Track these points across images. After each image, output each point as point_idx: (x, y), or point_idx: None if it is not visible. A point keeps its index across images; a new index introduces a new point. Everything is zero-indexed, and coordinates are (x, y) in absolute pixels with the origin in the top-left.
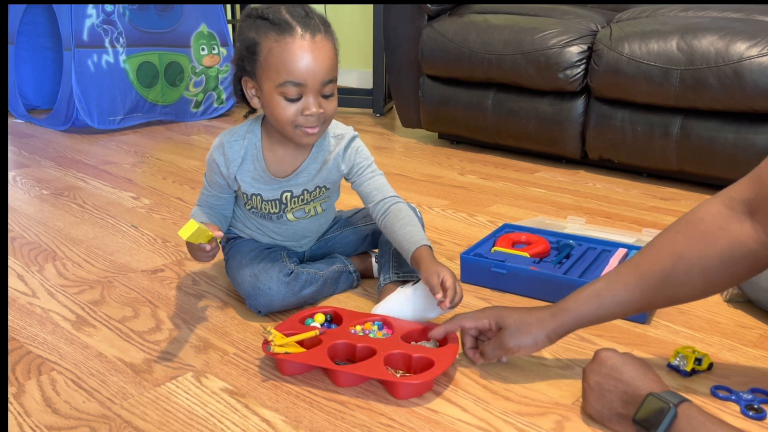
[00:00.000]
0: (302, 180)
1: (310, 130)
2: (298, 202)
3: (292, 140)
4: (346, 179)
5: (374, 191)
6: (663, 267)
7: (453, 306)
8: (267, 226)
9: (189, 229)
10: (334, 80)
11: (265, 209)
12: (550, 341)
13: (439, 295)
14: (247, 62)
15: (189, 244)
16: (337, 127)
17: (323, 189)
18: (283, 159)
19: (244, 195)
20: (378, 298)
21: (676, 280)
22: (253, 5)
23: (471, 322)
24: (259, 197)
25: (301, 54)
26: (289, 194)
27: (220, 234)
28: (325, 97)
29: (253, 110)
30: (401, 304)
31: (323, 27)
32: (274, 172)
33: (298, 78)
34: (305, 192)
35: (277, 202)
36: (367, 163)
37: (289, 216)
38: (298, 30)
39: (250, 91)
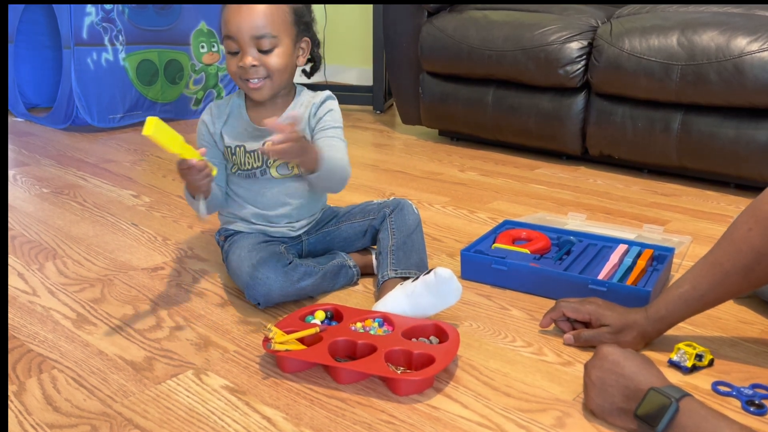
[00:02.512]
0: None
1: (251, 84)
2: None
3: (247, 94)
4: (311, 135)
5: (325, 147)
6: (744, 263)
7: None
8: (254, 194)
9: (150, 125)
10: (270, 36)
11: (249, 164)
12: (645, 345)
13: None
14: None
15: (182, 166)
16: (316, 92)
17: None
18: (264, 114)
19: (228, 150)
20: (377, 295)
21: (756, 274)
22: None
23: (573, 314)
24: (242, 148)
25: (232, 11)
26: (270, 143)
27: (204, 150)
28: (264, 52)
29: None
30: (401, 301)
31: None
32: (257, 123)
33: (230, 32)
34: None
35: (258, 152)
36: (333, 124)
37: (273, 172)
38: None
39: None
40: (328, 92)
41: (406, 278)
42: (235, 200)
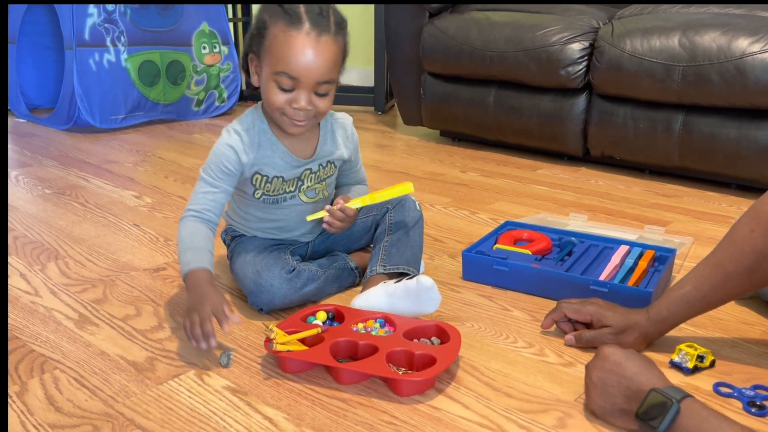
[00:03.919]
0: (319, 158)
1: (297, 122)
2: (314, 179)
3: (278, 124)
4: (344, 161)
5: (360, 182)
6: (747, 265)
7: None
8: (271, 216)
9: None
10: (331, 81)
11: (281, 190)
12: (646, 346)
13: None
14: (255, 41)
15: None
16: (335, 114)
17: (332, 166)
18: (298, 143)
19: (264, 179)
20: (362, 288)
21: (758, 275)
22: None
23: (574, 315)
24: (280, 179)
25: (301, 50)
26: (308, 171)
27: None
28: (319, 95)
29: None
30: (381, 299)
31: (334, 28)
32: (298, 155)
33: (294, 72)
34: (320, 167)
35: (296, 180)
36: (359, 155)
37: (302, 197)
38: (306, 26)
39: (252, 68)
40: (349, 118)
41: (394, 274)
42: (249, 220)
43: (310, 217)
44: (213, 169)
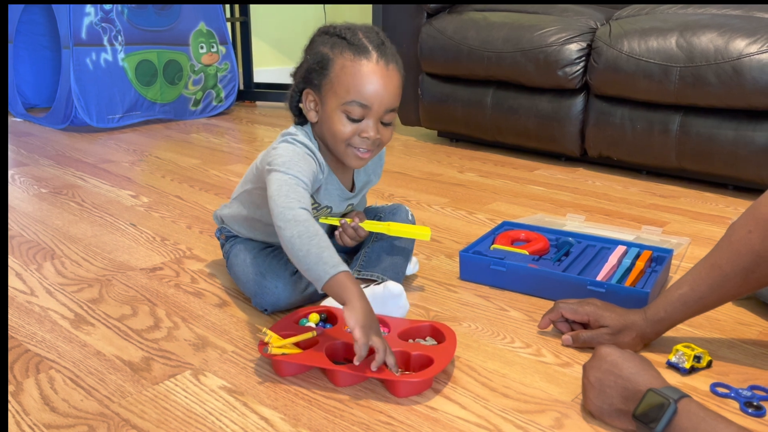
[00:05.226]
0: (358, 190)
1: (361, 154)
2: (345, 209)
3: (341, 158)
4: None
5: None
6: (744, 266)
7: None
8: None
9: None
10: (395, 110)
11: (322, 217)
12: (643, 346)
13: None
14: (315, 76)
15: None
16: None
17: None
18: (343, 176)
19: (314, 206)
20: None
21: (755, 276)
22: (329, 24)
23: (572, 315)
24: (329, 209)
25: (373, 77)
26: (351, 206)
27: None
28: (384, 124)
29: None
30: None
31: (397, 59)
32: (348, 188)
33: (366, 100)
34: (360, 200)
35: (339, 213)
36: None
37: (325, 220)
38: (374, 55)
39: (308, 104)
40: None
41: (366, 280)
42: (255, 228)
43: (323, 220)
44: (305, 170)
